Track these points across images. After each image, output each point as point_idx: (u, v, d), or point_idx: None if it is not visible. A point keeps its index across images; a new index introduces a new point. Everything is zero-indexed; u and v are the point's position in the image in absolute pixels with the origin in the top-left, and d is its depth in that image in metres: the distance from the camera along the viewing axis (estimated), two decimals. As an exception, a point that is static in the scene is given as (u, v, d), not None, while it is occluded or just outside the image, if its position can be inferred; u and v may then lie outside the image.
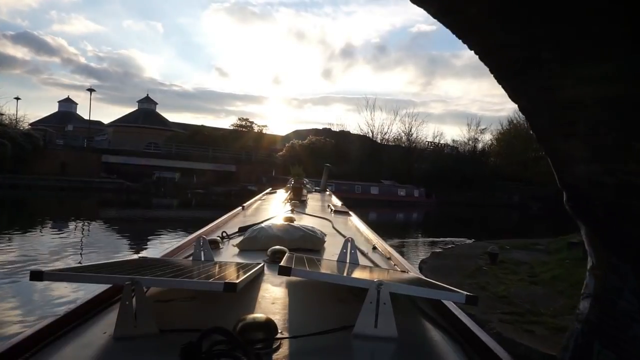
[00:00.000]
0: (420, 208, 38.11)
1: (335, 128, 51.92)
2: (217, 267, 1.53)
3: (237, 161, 42.60)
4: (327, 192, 7.63)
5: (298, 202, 4.88)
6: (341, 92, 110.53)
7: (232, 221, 3.49)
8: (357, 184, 35.76)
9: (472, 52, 3.20)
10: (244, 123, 50.18)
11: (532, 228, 30.76)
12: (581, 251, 9.47)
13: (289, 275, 1.21)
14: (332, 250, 2.28)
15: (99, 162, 36.54)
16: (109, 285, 1.33)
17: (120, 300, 1.08)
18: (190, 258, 1.88)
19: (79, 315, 1.18)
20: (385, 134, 50.97)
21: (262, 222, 2.92)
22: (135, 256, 2.14)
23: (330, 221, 3.60)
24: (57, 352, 0.98)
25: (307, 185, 6.37)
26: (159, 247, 11.94)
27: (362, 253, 2.29)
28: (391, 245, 2.65)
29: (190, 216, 24.72)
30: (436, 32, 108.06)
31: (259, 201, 5.41)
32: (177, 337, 0.98)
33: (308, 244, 2.29)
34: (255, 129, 50.14)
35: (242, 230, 2.67)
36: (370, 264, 2.10)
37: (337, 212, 4.46)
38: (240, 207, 4.34)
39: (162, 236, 15.58)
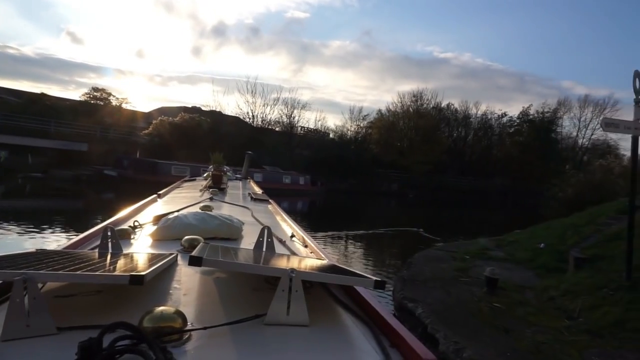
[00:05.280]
0: (306, 196, 35.74)
1: (207, 108, 46.51)
2: (125, 259, 1.49)
3: (89, 139, 34.82)
4: (249, 180, 7.29)
5: (217, 190, 4.70)
6: (210, 72, 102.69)
7: (146, 210, 3.32)
8: (239, 170, 31.64)
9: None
10: (99, 94, 41.86)
11: (411, 214, 31.06)
12: (612, 273, 7.34)
13: (200, 266, 1.14)
14: (249, 238, 2.22)
15: None
16: None
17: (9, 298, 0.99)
18: (97, 250, 1.76)
19: None
20: (267, 116, 47.36)
21: (178, 210, 2.84)
22: (32, 249, 1.62)
23: (249, 209, 3.51)
24: None
25: (228, 173, 6.35)
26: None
27: (280, 241, 2.26)
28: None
29: (22, 207, 18.34)
30: (309, 20, 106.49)
31: (176, 189, 5.19)
32: (77, 335, 0.92)
33: (225, 232, 2.23)
34: (114, 102, 42.28)
35: (156, 219, 2.54)
36: (287, 252, 2.05)
37: (256, 200, 4.41)
38: (156, 195, 4.08)
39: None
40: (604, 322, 5.50)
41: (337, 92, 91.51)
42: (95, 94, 41.67)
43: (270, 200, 4.42)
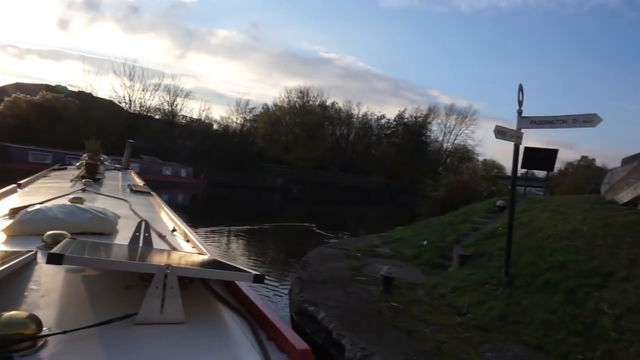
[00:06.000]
0: (188, 189, 34.05)
1: (75, 88, 41.53)
2: None
3: None
4: (129, 171, 6.84)
5: (92, 180, 4.35)
6: (80, 49, 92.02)
7: (1, 202, 2.91)
8: (114, 159, 28.76)
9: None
10: None
11: (295, 210, 31.54)
12: (492, 269, 7.86)
13: (61, 264, 1.03)
14: (125, 233, 2.08)
15: None
16: None
17: None
18: None
19: None
20: (146, 102, 43.91)
21: (41, 202, 2.46)
22: None
23: (127, 202, 3.30)
24: None
25: (106, 162, 6.06)
26: None
27: (160, 236, 2.18)
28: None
29: None
30: (195, 5, 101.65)
31: (42, 178, 4.69)
32: None
33: (97, 227, 2.06)
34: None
35: (12, 212, 2.24)
36: (166, 247, 1.97)
37: (137, 192, 4.16)
38: (15, 185, 3.63)
39: None
40: (490, 317, 5.89)
41: (223, 83, 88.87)
42: None
43: (152, 193, 4.23)
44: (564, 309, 5.76)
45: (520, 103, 6.68)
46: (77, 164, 6.08)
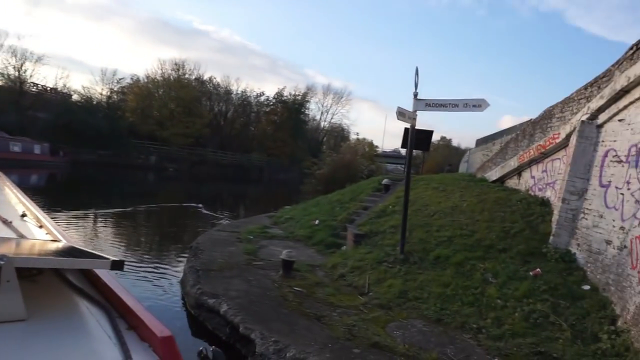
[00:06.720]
0: (45, 168, 30.09)
1: None
2: None
3: None
4: None
5: None
6: None
7: None
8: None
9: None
10: None
11: (173, 189, 29.93)
12: (387, 247, 7.98)
13: None
14: None
15: None
16: None
17: None
18: None
19: None
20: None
21: None
22: None
23: None
24: None
25: None
26: None
27: (4, 222, 1.95)
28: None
29: None
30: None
31: None
32: None
33: None
34: None
35: None
36: (12, 235, 1.76)
37: None
38: None
39: None
40: (391, 295, 6.03)
41: (84, 49, 79.16)
42: None
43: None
44: (456, 281, 6.15)
45: (416, 85, 6.86)
46: None
